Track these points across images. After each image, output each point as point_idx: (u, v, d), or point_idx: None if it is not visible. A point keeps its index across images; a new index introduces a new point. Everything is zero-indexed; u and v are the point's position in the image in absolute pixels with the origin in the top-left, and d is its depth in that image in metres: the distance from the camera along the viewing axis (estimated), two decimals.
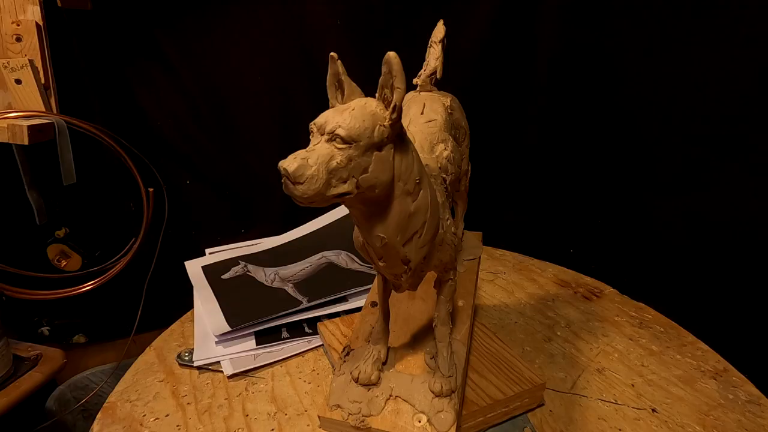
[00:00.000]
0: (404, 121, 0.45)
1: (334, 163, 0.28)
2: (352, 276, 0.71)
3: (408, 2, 0.80)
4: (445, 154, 0.41)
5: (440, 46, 0.49)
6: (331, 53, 0.32)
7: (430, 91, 0.49)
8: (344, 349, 0.47)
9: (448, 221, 0.37)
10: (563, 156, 0.85)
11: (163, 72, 0.85)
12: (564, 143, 0.84)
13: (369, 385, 0.42)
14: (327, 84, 0.33)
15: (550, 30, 0.77)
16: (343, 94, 0.33)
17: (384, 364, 0.44)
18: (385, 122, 0.30)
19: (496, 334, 0.55)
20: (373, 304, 0.53)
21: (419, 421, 0.39)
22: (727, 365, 0.58)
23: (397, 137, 0.31)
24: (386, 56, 0.29)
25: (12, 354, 0.73)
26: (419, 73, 0.50)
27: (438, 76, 0.50)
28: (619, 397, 0.52)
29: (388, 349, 0.45)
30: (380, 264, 0.35)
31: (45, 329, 0.93)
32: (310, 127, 0.31)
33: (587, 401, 0.52)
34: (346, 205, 0.32)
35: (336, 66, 0.32)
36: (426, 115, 0.44)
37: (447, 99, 0.48)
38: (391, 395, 0.41)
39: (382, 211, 0.32)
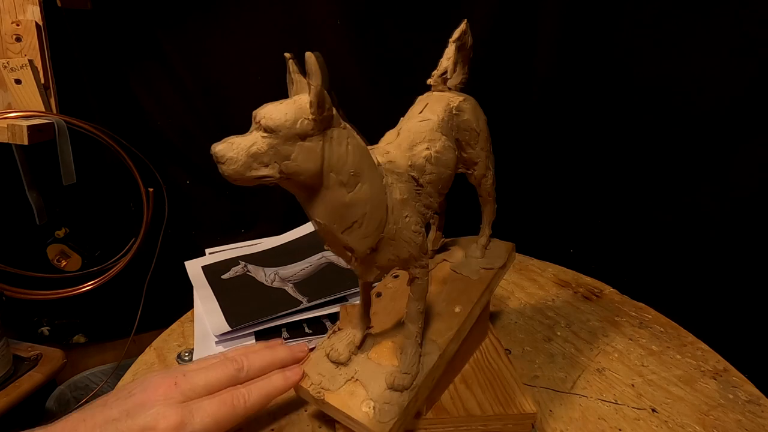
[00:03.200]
0: (403, 118, 0.46)
1: (254, 149, 0.32)
2: (352, 276, 0.71)
3: (408, 2, 0.80)
4: (425, 153, 0.41)
5: (453, 45, 0.49)
6: (285, 53, 0.34)
7: (442, 91, 0.49)
8: (334, 327, 0.51)
9: (407, 218, 0.38)
10: (563, 155, 0.85)
11: (163, 72, 0.85)
12: (564, 143, 0.84)
13: (338, 363, 0.45)
14: (287, 81, 0.35)
15: (551, 29, 0.77)
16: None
17: (359, 348, 0.46)
18: (310, 116, 0.32)
19: (508, 355, 0.53)
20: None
21: (366, 407, 0.40)
22: (727, 365, 0.58)
23: (328, 130, 0.33)
24: (305, 56, 0.31)
25: (12, 354, 0.73)
26: (432, 73, 0.50)
27: (449, 76, 0.50)
28: (619, 397, 0.52)
29: (366, 336, 0.47)
30: (326, 247, 0.38)
31: (45, 329, 0.93)
32: (252, 115, 0.34)
33: (587, 401, 0.52)
34: (282, 186, 0.35)
35: (288, 65, 0.34)
36: (423, 114, 0.45)
37: (456, 100, 0.47)
38: (353, 377, 0.43)
39: (315, 197, 0.34)
